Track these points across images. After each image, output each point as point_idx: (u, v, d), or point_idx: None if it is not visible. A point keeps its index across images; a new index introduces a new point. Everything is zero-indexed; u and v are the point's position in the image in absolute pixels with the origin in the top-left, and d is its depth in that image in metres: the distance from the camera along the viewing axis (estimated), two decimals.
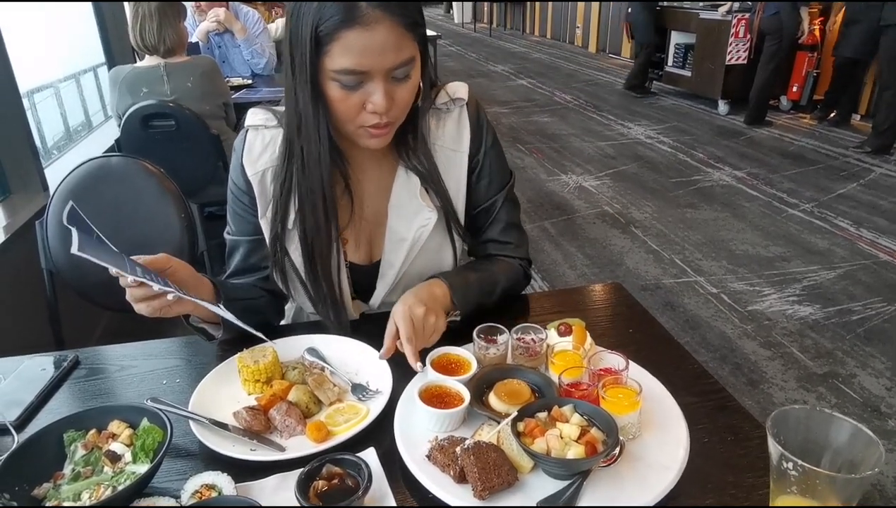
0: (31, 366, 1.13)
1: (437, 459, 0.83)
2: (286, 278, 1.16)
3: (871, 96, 6.14)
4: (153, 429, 0.87)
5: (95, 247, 0.87)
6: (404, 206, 1.15)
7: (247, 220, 1.18)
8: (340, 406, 0.97)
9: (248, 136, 1.14)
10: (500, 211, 1.23)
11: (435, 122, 1.15)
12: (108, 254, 0.88)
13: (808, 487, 0.64)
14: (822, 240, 3.87)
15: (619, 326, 1.21)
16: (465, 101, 1.16)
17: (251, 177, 1.13)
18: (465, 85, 1.18)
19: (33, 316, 1.95)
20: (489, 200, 1.22)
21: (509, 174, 1.25)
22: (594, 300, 1.35)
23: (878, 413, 2.41)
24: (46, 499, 0.80)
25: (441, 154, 1.15)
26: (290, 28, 0.96)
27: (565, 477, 0.81)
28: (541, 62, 10.98)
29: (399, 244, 1.17)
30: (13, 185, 2.49)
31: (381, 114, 0.98)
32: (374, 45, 0.92)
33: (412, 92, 1.02)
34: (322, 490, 0.77)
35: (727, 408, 0.97)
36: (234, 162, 1.16)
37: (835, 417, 0.68)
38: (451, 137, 1.16)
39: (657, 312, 3.08)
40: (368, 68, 0.93)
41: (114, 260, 0.87)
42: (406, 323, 1.01)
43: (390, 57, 0.94)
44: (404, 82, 0.98)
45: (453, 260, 1.21)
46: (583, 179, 5.05)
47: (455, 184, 1.18)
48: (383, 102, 0.96)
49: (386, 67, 0.94)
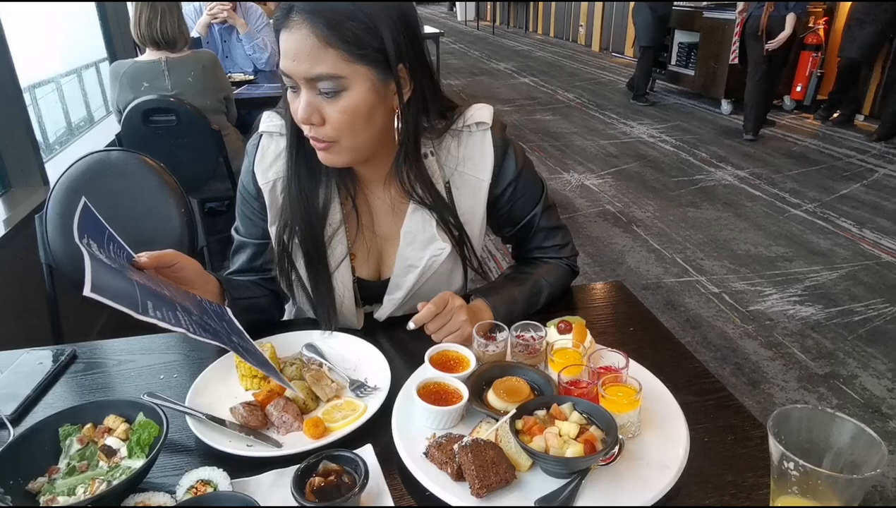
0: (28, 360, 1.12)
1: (435, 457, 0.82)
2: (292, 287, 1.15)
3: (874, 97, 6.12)
4: (149, 424, 0.86)
5: (110, 274, 0.78)
6: (417, 234, 1.13)
7: (255, 224, 1.18)
8: (338, 402, 0.97)
9: (261, 142, 1.13)
10: (539, 221, 1.23)
11: (455, 145, 1.12)
12: (123, 286, 0.78)
13: (810, 487, 0.63)
14: (825, 241, 3.86)
15: (619, 325, 1.21)
16: (489, 126, 1.12)
17: (262, 186, 1.12)
18: (488, 107, 1.14)
19: (33, 311, 1.94)
20: (529, 215, 1.22)
21: (541, 184, 1.23)
22: (595, 298, 1.35)
23: (879, 413, 2.40)
24: (41, 494, 0.80)
25: (459, 178, 1.13)
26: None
27: (564, 476, 0.80)
28: (543, 60, 10.96)
29: (409, 269, 1.15)
30: (13, 179, 2.48)
31: (307, 126, 0.98)
32: (291, 49, 0.93)
33: (345, 113, 0.96)
34: (318, 487, 0.76)
35: (728, 407, 0.96)
36: (245, 165, 1.15)
37: (837, 417, 0.68)
38: (472, 163, 1.13)
39: (658, 311, 3.07)
40: (290, 73, 0.95)
41: (129, 295, 0.76)
42: (440, 300, 1.05)
43: (304, 65, 0.93)
44: (333, 99, 0.95)
45: (463, 282, 1.21)
46: (585, 178, 5.04)
47: (470, 210, 1.15)
48: (300, 111, 0.96)
49: (301, 75, 0.94)
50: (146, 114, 2.69)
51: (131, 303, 0.73)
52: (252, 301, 1.18)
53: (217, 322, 0.90)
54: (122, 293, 0.74)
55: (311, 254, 1.11)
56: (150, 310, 0.74)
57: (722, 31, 6.60)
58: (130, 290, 0.76)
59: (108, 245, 0.87)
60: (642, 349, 1.06)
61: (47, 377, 1.07)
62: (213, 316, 0.91)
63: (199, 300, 0.95)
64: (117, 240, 0.90)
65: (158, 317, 0.74)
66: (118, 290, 0.74)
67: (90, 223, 0.86)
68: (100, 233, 0.87)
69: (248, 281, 1.22)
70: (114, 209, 1.73)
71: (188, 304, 0.88)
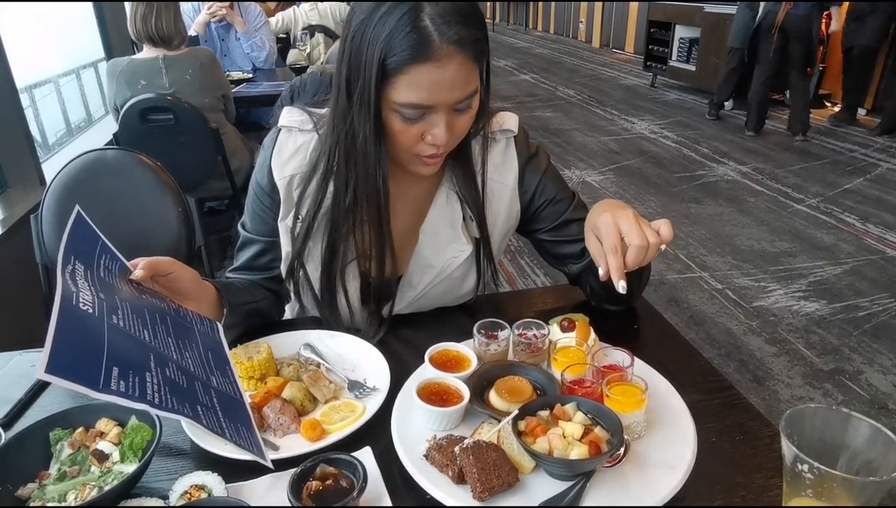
0: (20, 363, 1.10)
1: (436, 459, 0.80)
2: (299, 288, 1.14)
3: (876, 92, 6.08)
4: (142, 428, 0.84)
5: (80, 330, 0.70)
6: (439, 234, 1.13)
7: (265, 221, 1.15)
8: (336, 403, 0.95)
9: (280, 137, 1.10)
10: (574, 215, 1.18)
11: (479, 150, 1.12)
12: (89, 349, 0.69)
13: (825, 490, 0.61)
14: (829, 236, 3.83)
15: (623, 322, 1.18)
16: (514, 133, 1.14)
17: (278, 182, 1.09)
18: (514, 116, 1.15)
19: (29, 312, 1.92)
20: (566, 211, 1.18)
21: (572, 194, 1.20)
22: None
23: (885, 410, 2.38)
24: (31, 500, 0.77)
25: (486, 185, 1.13)
26: (350, 52, 0.92)
27: (568, 478, 0.78)
28: (544, 57, 10.94)
29: (425, 269, 1.14)
30: (10, 180, 2.47)
31: (439, 146, 0.96)
32: (444, 82, 0.89)
33: (471, 121, 0.99)
34: (315, 492, 0.74)
35: (736, 406, 0.94)
36: (261, 160, 1.12)
37: (852, 417, 0.65)
38: (496, 168, 1.13)
39: (661, 308, 3.04)
40: (435, 103, 0.91)
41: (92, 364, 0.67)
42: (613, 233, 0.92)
43: (458, 92, 0.91)
44: (465, 113, 0.96)
45: (475, 287, 1.20)
46: (586, 174, 5.01)
47: (493, 217, 1.15)
48: (444, 136, 0.94)
49: (452, 102, 0.92)
50: (144, 112, 2.68)
51: (92, 377, 0.65)
52: (253, 306, 1.15)
53: (200, 355, 0.83)
54: (85, 361, 0.67)
55: (331, 262, 1.08)
56: (113, 382, 0.66)
57: (723, 26, 6.56)
58: (96, 354, 0.69)
59: (100, 258, 0.83)
60: (647, 346, 1.04)
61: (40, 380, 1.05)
62: (197, 345, 0.85)
63: (189, 320, 0.89)
64: (110, 250, 0.87)
65: (120, 391, 0.66)
66: (80, 360, 0.67)
67: (82, 236, 0.82)
68: (91, 247, 0.83)
69: (249, 282, 1.19)
70: (110, 208, 1.72)
71: (171, 341, 0.81)
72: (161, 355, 0.76)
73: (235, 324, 1.04)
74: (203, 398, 0.76)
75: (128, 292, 0.82)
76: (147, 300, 0.86)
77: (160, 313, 0.85)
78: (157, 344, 0.77)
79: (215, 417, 0.75)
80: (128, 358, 0.71)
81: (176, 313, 0.88)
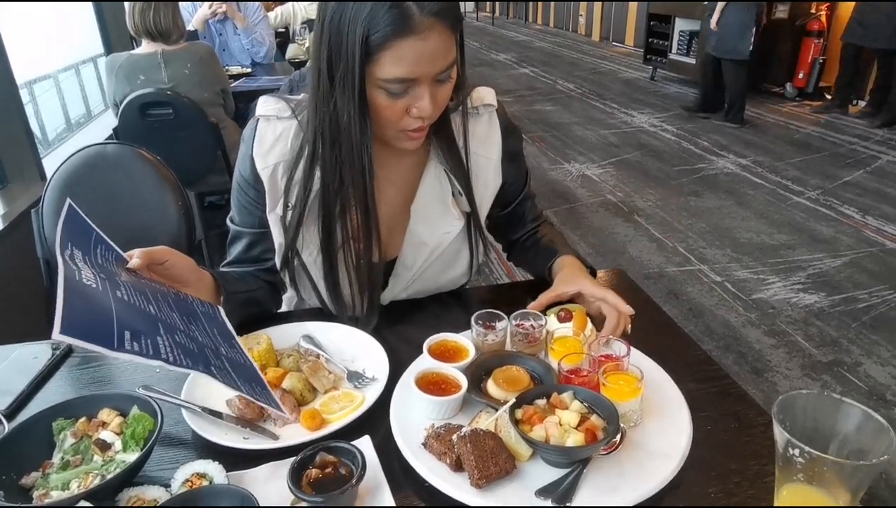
0: (23, 354, 1.11)
1: (434, 447, 0.81)
2: (295, 277, 1.14)
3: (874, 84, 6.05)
4: (144, 417, 0.85)
5: (87, 300, 0.72)
6: (429, 210, 1.14)
7: (251, 213, 1.14)
8: (336, 393, 0.96)
9: (258, 127, 1.09)
10: (526, 200, 1.29)
11: (459, 122, 1.12)
12: (100, 315, 0.71)
13: (815, 474, 0.62)
14: (828, 228, 3.84)
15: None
16: (495, 107, 1.16)
17: (261, 172, 1.08)
18: (491, 90, 1.17)
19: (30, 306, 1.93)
20: (521, 194, 1.27)
21: (527, 176, 1.29)
22: None
23: (883, 401, 2.39)
24: (35, 488, 0.79)
25: (471, 159, 1.14)
26: (329, 34, 0.91)
27: (565, 465, 0.79)
28: (544, 51, 10.90)
29: (419, 247, 1.15)
30: (11, 175, 2.48)
31: (425, 118, 0.97)
32: (427, 53, 0.90)
33: (451, 90, 1.00)
34: (315, 479, 0.75)
35: (731, 395, 0.95)
36: (242, 152, 1.12)
37: (844, 402, 0.66)
38: (480, 142, 1.15)
39: (661, 301, 3.05)
40: (419, 75, 0.92)
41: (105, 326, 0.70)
42: (619, 311, 1.04)
43: (440, 63, 0.92)
44: (446, 83, 0.97)
45: (469, 264, 1.21)
46: (586, 168, 5.01)
47: (482, 190, 1.17)
48: (429, 108, 0.95)
49: (435, 73, 0.93)
50: (143, 107, 2.68)
51: (106, 337, 0.68)
52: (249, 294, 1.16)
53: (206, 329, 0.86)
54: (97, 325, 0.69)
55: (328, 248, 1.09)
56: (127, 343, 0.69)
57: None
58: (107, 319, 0.72)
59: (95, 249, 0.83)
60: (644, 336, 1.05)
61: (42, 371, 1.06)
62: (202, 322, 0.87)
63: (191, 302, 0.91)
64: (105, 241, 0.87)
65: (135, 351, 0.70)
66: (92, 324, 0.69)
67: (75, 227, 0.83)
68: (86, 238, 0.84)
69: (244, 273, 1.19)
70: (110, 203, 1.72)
71: (175, 315, 0.84)
72: (169, 324, 0.79)
73: (233, 312, 1.05)
74: (214, 360, 0.79)
75: (127, 278, 0.84)
76: (147, 284, 0.87)
77: (161, 294, 0.86)
78: (163, 317, 0.80)
79: (229, 376, 0.78)
80: (137, 325, 0.74)
81: (177, 295, 0.90)
